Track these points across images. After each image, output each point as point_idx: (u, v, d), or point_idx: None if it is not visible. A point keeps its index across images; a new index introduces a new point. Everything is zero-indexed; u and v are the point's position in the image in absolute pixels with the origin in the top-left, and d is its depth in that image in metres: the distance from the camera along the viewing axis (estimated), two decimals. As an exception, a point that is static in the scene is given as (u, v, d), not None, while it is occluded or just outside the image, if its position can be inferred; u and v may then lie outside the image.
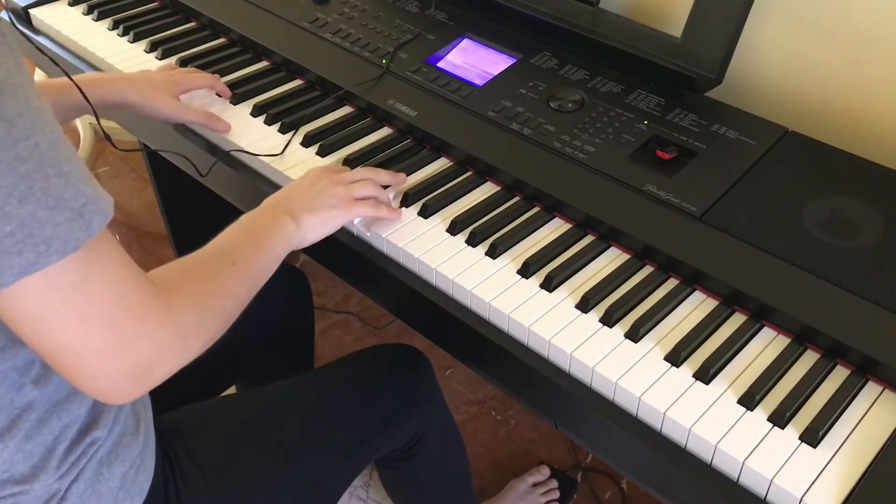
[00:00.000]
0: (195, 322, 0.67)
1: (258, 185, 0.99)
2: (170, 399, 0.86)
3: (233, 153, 1.02)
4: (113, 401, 0.64)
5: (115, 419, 0.75)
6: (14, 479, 0.69)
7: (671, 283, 0.83)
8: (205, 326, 0.68)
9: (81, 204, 0.57)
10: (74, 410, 0.71)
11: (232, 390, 1.25)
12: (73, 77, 0.91)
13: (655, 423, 0.72)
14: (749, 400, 0.71)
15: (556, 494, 1.46)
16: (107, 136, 0.92)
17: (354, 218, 0.87)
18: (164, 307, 0.64)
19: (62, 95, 0.95)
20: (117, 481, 0.74)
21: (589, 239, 0.88)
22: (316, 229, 0.84)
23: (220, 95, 1.10)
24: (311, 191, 0.85)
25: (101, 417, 0.73)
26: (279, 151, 1.00)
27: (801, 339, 0.77)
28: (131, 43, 1.22)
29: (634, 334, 0.77)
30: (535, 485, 1.47)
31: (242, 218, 0.81)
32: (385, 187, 0.92)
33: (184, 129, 1.08)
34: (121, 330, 0.60)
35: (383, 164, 0.98)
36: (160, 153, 1.02)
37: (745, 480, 0.67)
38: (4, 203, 0.53)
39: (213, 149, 1.05)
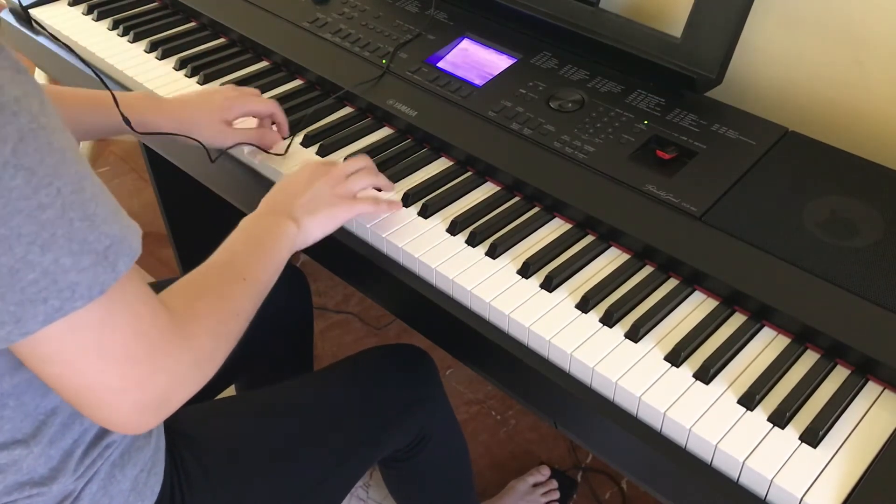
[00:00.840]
0: (210, 349, 0.67)
1: (258, 185, 0.99)
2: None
3: (233, 151, 1.02)
4: (130, 431, 0.64)
5: None
6: (33, 481, 0.69)
7: (671, 283, 0.83)
8: (219, 350, 0.68)
9: (106, 246, 0.56)
10: None
11: (231, 390, 1.25)
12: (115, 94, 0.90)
13: (655, 424, 0.72)
14: (749, 400, 0.71)
15: (557, 495, 1.47)
16: (126, 120, 0.92)
17: (355, 215, 0.87)
18: (180, 339, 0.63)
19: (99, 109, 0.92)
20: (128, 483, 0.75)
21: (589, 239, 0.88)
22: (317, 229, 0.84)
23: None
24: (310, 190, 0.85)
25: None
26: (282, 152, 1.00)
27: (801, 339, 0.77)
28: (131, 43, 1.22)
29: (634, 334, 0.77)
30: (535, 485, 1.47)
31: (244, 224, 0.81)
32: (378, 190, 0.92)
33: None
34: (139, 365, 0.60)
35: (383, 164, 0.98)
36: (171, 137, 1.00)
37: (746, 480, 0.67)
38: (27, 252, 0.52)
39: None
